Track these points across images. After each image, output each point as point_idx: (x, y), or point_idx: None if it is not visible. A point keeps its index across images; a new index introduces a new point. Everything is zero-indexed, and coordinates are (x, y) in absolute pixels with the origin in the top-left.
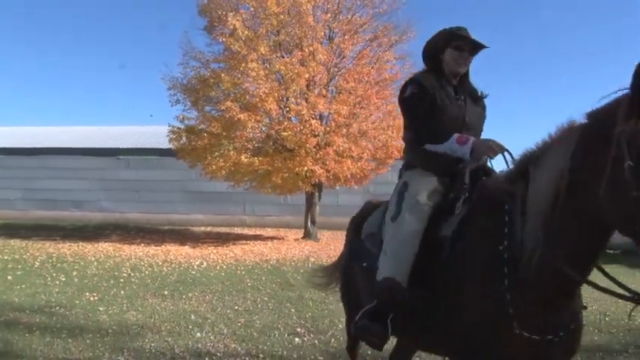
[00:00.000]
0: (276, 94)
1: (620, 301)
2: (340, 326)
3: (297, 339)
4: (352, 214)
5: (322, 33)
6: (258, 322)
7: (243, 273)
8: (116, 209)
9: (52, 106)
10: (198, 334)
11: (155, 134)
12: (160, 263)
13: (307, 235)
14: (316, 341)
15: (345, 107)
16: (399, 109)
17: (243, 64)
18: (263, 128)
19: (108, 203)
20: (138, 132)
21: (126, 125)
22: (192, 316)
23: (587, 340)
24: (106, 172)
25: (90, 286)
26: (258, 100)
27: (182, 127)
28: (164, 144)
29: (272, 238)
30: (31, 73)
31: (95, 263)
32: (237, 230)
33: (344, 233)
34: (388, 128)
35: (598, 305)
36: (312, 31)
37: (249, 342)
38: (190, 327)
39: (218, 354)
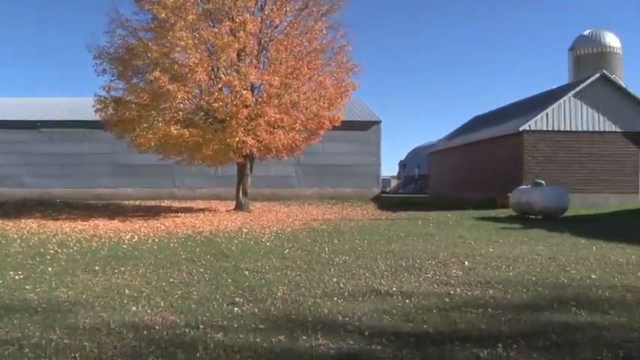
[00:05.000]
0: (206, 65)
1: (544, 262)
2: (279, 294)
3: (236, 308)
4: (284, 185)
5: (252, 2)
6: (195, 293)
7: (176, 245)
8: (39, 185)
9: None
10: (134, 307)
11: (80, 106)
12: (89, 238)
13: (239, 207)
14: (256, 310)
15: (277, 78)
16: None
17: (171, 33)
18: (193, 99)
19: (30, 179)
20: (61, 104)
21: (48, 97)
22: (127, 291)
23: (517, 298)
24: (27, 145)
25: (14, 265)
26: (187, 70)
27: (109, 97)
28: (90, 116)
29: (204, 210)
30: None
31: (18, 241)
32: (168, 203)
33: (275, 204)
34: (320, 99)
35: (525, 266)
36: (241, 0)
37: (187, 313)
38: (125, 301)
39: (156, 327)
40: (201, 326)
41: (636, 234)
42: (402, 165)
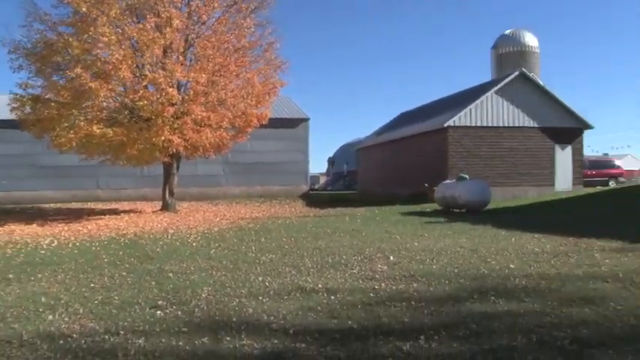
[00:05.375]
0: (130, 62)
1: (466, 254)
2: (204, 295)
3: (159, 312)
4: (211, 184)
5: None
6: (116, 298)
7: (98, 249)
8: None
9: None
10: (50, 316)
11: None
12: (3, 245)
13: (165, 207)
14: (179, 312)
15: (204, 75)
16: None
17: (92, 28)
18: (117, 97)
19: None
20: None
21: None
22: (43, 299)
23: (440, 290)
24: None
25: None
26: (111, 67)
27: (26, 95)
28: (5, 114)
29: (129, 212)
30: None
31: None
32: (91, 205)
33: (203, 204)
34: (247, 96)
35: (449, 259)
36: None
37: (107, 319)
38: (41, 310)
39: (74, 335)
40: (121, 332)
41: (552, 224)
42: (331, 162)
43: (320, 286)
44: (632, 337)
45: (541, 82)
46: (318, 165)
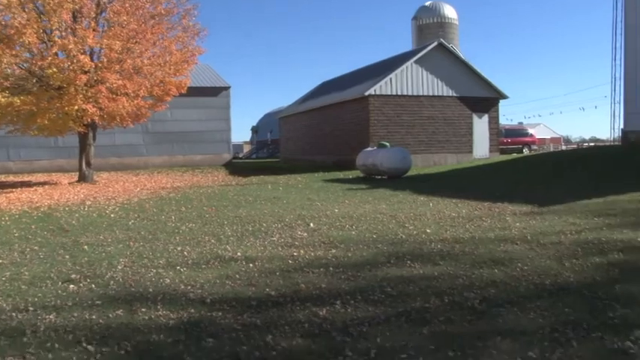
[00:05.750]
0: (35, 26)
1: (385, 220)
2: (120, 267)
3: (72, 286)
4: (131, 154)
5: None
6: (27, 273)
7: (8, 223)
8: None
9: None
10: None
11: None
12: None
13: (82, 178)
14: (93, 285)
15: (118, 42)
16: None
17: None
18: (23, 64)
19: None
20: None
21: None
22: None
23: (357, 255)
24: None
25: None
26: (13, 32)
27: None
28: None
29: (43, 184)
30: None
31: None
32: (2, 178)
33: (123, 174)
34: (165, 64)
35: (368, 225)
36: None
37: (16, 296)
38: None
39: None
40: (31, 308)
41: (468, 190)
42: (255, 130)
43: (239, 254)
44: (535, 295)
45: (459, 53)
46: (242, 134)
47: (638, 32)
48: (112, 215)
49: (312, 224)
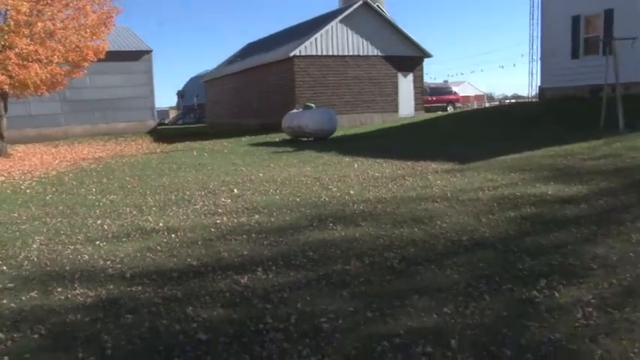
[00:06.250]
0: None
1: (309, 183)
2: (35, 246)
3: None
4: (50, 124)
5: None
6: None
7: None
8: None
9: None
10: None
11: None
12: None
13: None
14: (5, 267)
15: (26, 3)
16: None
17: None
18: None
19: None
20: None
21: None
22: None
23: (280, 220)
24: None
25: None
26: None
27: None
28: None
29: None
30: None
31: None
32: None
33: (42, 146)
34: (80, 28)
35: (292, 188)
36: None
37: None
38: None
39: None
40: None
41: (393, 149)
42: (180, 95)
43: (161, 225)
44: (452, 252)
45: (385, 12)
46: (168, 99)
47: None
48: (28, 191)
49: (235, 190)
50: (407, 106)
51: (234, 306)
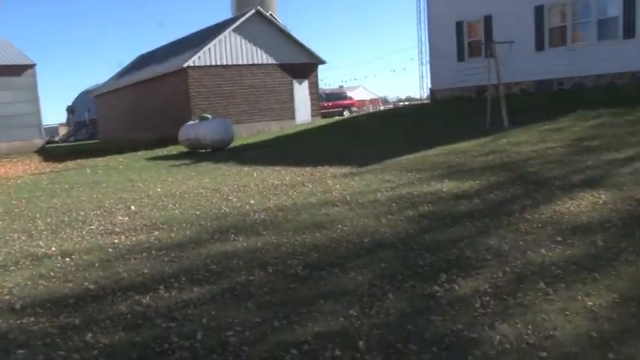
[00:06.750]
0: None
1: (209, 195)
2: None
3: None
4: None
5: None
6: None
7: None
8: None
9: None
10: None
11: None
12: None
13: None
14: None
15: None
16: None
17: None
18: None
19: None
20: None
21: None
22: None
23: (181, 235)
24: None
25: None
26: None
27: None
28: None
29: None
30: None
31: None
32: None
33: None
34: None
35: (191, 202)
36: None
37: None
38: None
39: None
40: None
41: (291, 156)
42: (70, 110)
43: (54, 249)
44: (354, 254)
45: (278, 21)
46: (57, 115)
47: None
48: None
49: (133, 207)
50: (304, 113)
51: (136, 328)
